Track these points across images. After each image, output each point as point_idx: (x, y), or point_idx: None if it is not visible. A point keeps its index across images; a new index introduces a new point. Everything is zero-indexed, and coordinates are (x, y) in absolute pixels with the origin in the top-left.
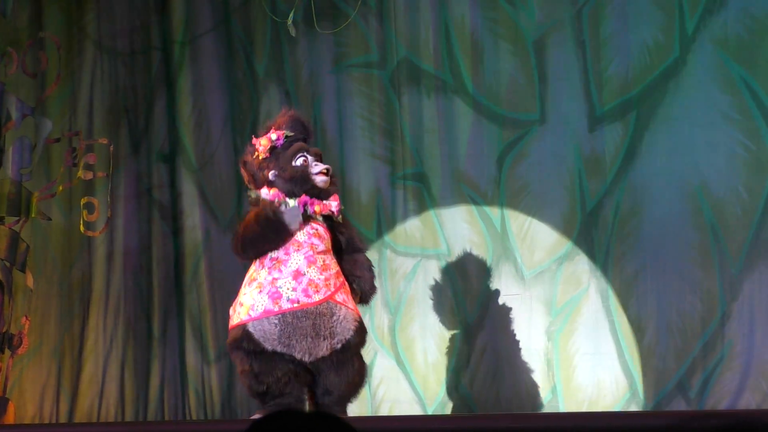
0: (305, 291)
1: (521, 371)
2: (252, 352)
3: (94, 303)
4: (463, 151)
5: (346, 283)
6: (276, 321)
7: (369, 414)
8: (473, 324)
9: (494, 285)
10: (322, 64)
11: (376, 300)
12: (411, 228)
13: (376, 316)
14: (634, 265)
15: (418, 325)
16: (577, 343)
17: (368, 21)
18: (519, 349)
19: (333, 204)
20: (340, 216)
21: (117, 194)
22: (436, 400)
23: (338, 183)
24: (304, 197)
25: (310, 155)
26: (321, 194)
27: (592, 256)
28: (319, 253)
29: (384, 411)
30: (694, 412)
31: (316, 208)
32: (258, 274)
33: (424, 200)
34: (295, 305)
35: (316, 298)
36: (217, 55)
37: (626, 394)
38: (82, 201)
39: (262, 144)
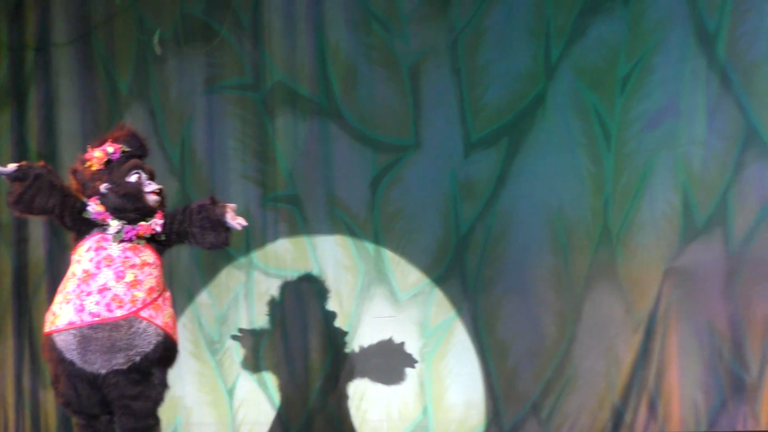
0: (108, 306)
1: (393, 392)
2: (55, 362)
3: None
4: (337, 175)
5: (162, 299)
6: (75, 332)
7: None
8: (343, 346)
9: (366, 307)
10: (192, 84)
11: (241, 321)
12: (281, 250)
13: (243, 338)
14: (501, 289)
15: (285, 347)
16: (449, 364)
17: (242, 43)
18: (391, 371)
19: (158, 223)
20: (163, 235)
21: None
22: (300, 422)
23: (167, 203)
24: (128, 228)
25: (145, 173)
26: (149, 213)
27: (464, 279)
28: (131, 267)
29: None
30: None
31: (139, 233)
32: (67, 284)
33: (296, 223)
34: (96, 319)
35: (118, 313)
36: (74, 68)
37: (490, 416)
38: None
39: (96, 156)
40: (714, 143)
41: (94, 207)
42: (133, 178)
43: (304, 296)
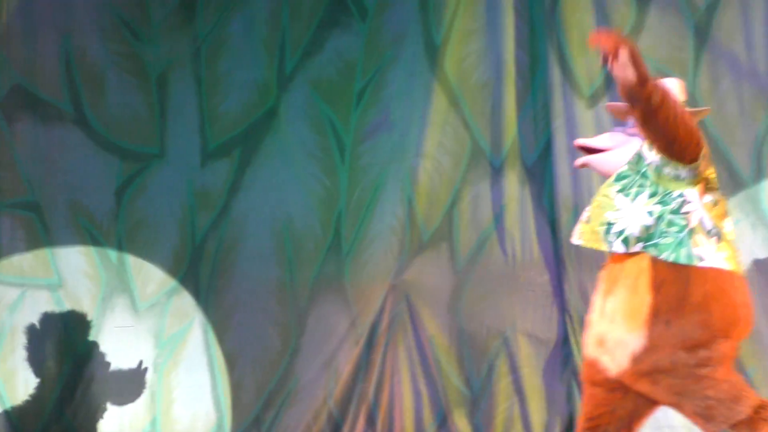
0: None
1: (123, 404)
2: None
3: None
4: (82, 183)
5: None
6: None
7: None
8: (83, 355)
9: (107, 316)
10: None
11: None
12: (19, 257)
13: None
14: (231, 300)
15: (20, 356)
16: (179, 376)
17: None
18: (125, 382)
19: None
20: None
21: None
22: None
23: None
24: None
25: None
26: None
27: (197, 289)
28: None
29: None
30: None
31: None
32: None
33: (36, 230)
34: None
35: None
36: None
37: (213, 428)
38: None
39: None
40: (440, 158)
41: None
42: None
43: (43, 305)
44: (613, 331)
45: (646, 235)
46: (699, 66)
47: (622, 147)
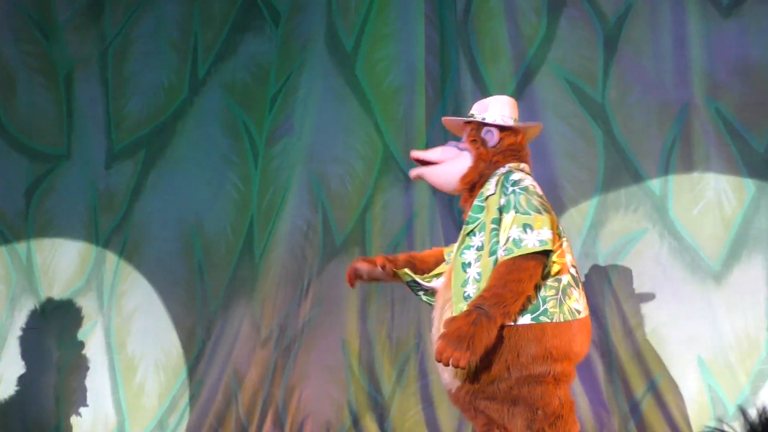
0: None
1: (30, 406)
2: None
3: None
4: None
5: None
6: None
7: None
8: None
9: (15, 318)
10: None
11: None
12: None
13: None
14: (133, 303)
15: None
16: (81, 378)
17: None
18: (31, 383)
19: None
20: None
21: None
22: None
23: None
24: None
25: None
26: None
27: (101, 292)
28: None
29: None
30: None
31: None
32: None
33: None
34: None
35: None
36: None
37: (114, 431)
38: None
39: None
40: (353, 163)
41: None
42: None
43: None
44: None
45: None
46: (608, 77)
47: (453, 160)
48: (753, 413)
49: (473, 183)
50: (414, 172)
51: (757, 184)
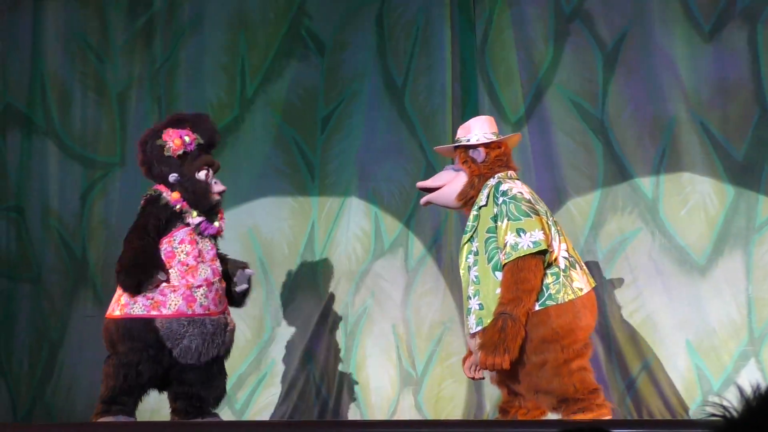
0: (215, 300)
1: (95, 384)
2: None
3: None
4: (52, 188)
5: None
6: (185, 322)
7: None
8: (56, 341)
9: (74, 306)
10: None
11: None
12: (6, 253)
13: None
14: None
15: (5, 341)
16: None
17: None
18: (94, 366)
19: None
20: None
21: None
22: (24, 410)
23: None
24: (206, 224)
25: (213, 170)
26: (211, 211)
27: None
28: (217, 264)
29: None
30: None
31: (218, 233)
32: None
33: (21, 230)
34: (206, 312)
35: (220, 308)
36: None
37: None
38: None
39: (174, 142)
40: (401, 179)
41: (170, 195)
42: (202, 174)
43: (20, 296)
44: None
45: None
46: (607, 95)
47: (452, 182)
48: (748, 390)
49: (470, 197)
50: (423, 201)
51: (736, 189)
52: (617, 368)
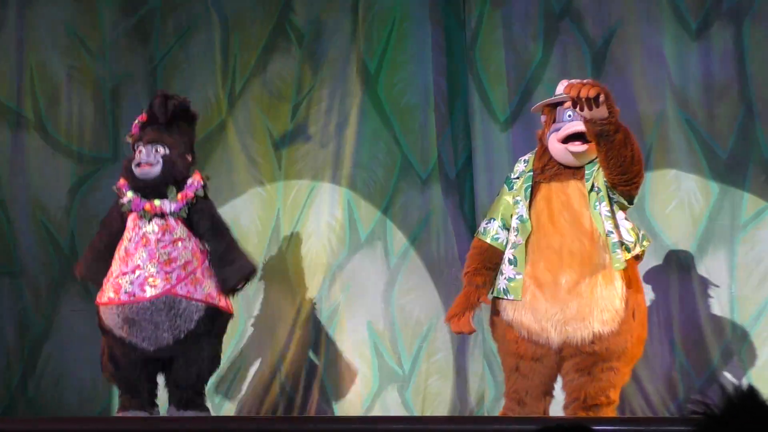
0: (141, 285)
1: (83, 378)
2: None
3: None
4: (39, 182)
5: (201, 271)
6: (116, 311)
7: None
8: (40, 335)
9: (62, 301)
10: None
11: None
12: None
13: None
14: None
15: None
16: None
17: None
18: (82, 360)
19: (178, 204)
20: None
21: None
22: (2, 405)
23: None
24: (137, 201)
25: (143, 143)
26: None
27: None
28: (163, 246)
29: None
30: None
31: (146, 207)
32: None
33: (2, 223)
34: (131, 298)
35: (151, 293)
36: None
37: None
38: None
39: (136, 122)
40: (375, 169)
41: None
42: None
43: (4, 290)
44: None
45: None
46: None
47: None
48: (731, 389)
49: None
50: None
51: (720, 187)
52: None
